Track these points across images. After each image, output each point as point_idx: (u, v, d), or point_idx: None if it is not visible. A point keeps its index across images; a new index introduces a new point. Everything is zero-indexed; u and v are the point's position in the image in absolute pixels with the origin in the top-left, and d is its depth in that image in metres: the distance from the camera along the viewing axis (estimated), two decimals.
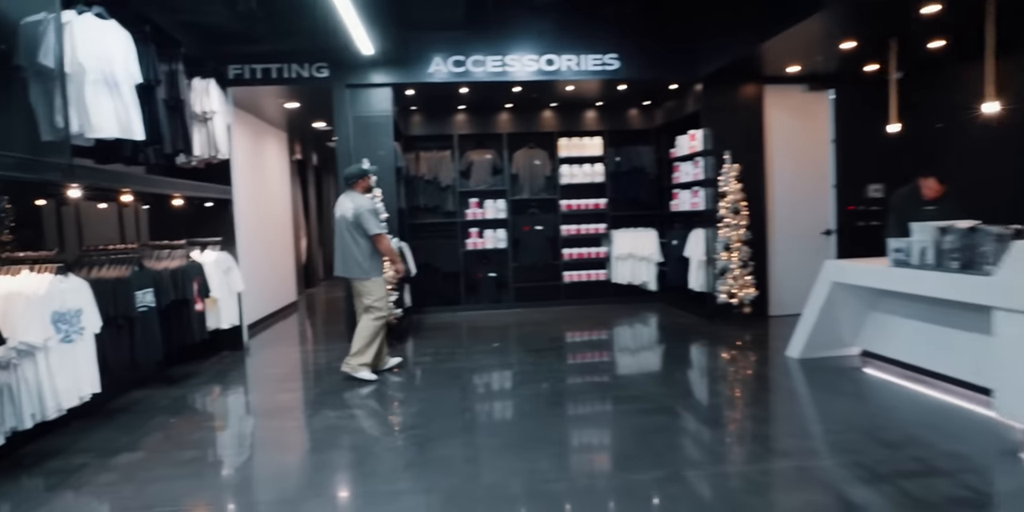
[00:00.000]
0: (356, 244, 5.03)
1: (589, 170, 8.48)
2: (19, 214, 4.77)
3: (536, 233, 8.35)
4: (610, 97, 7.92)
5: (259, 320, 7.72)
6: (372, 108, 6.55)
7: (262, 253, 8.03)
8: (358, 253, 5.04)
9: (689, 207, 7.55)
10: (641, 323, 7.49)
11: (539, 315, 7.96)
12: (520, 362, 5.63)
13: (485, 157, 8.34)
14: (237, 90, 6.50)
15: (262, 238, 8.12)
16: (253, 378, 5.54)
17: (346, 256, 5.08)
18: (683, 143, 7.62)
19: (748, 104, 6.93)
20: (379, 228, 5.05)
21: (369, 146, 6.54)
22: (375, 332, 5.11)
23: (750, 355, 5.65)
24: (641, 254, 8.41)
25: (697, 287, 7.31)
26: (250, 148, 7.83)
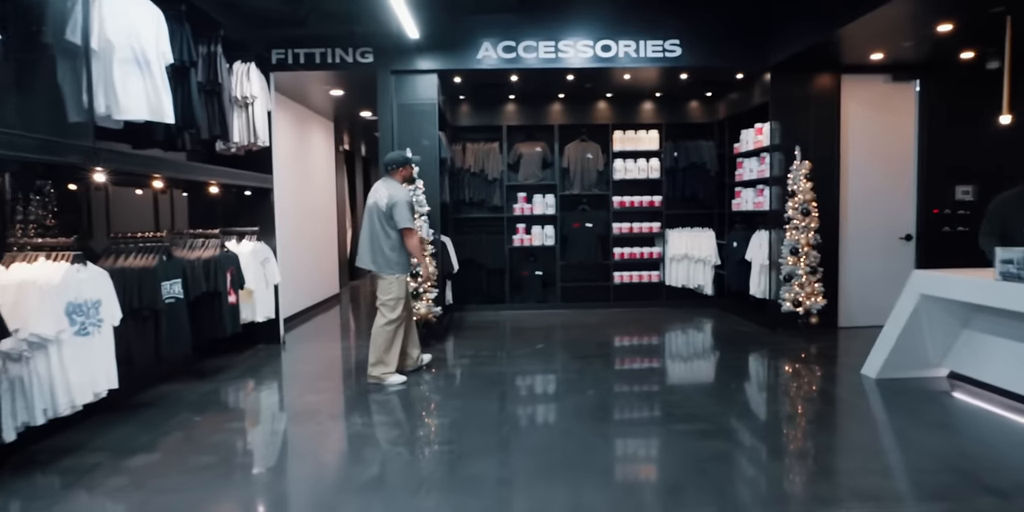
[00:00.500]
0: (385, 235, 4.68)
1: (644, 165, 8.01)
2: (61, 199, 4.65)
3: (586, 230, 7.93)
4: (669, 87, 7.43)
5: (298, 313, 7.56)
6: (417, 95, 6.25)
7: (304, 244, 7.86)
8: (385, 245, 4.69)
9: (752, 207, 7.00)
10: (696, 330, 7.00)
11: (586, 317, 7.55)
12: (565, 369, 5.24)
13: (535, 150, 7.97)
14: (280, 76, 6.30)
15: (304, 229, 7.95)
16: (285, 375, 5.32)
17: (372, 246, 4.72)
18: (748, 138, 7.07)
19: (822, 95, 6.34)
20: (410, 222, 4.69)
21: (413, 135, 6.25)
22: (389, 339, 4.72)
23: (819, 371, 5.12)
24: (697, 256, 7.90)
25: (758, 293, 6.77)
26: (293, 136, 7.66)
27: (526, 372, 5.16)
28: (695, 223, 8.07)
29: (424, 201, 6.04)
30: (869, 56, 5.94)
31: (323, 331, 7.23)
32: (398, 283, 4.73)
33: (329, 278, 9.16)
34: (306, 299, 7.93)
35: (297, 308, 7.56)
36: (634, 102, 8.01)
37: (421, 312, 5.91)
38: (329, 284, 9.13)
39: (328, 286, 9.06)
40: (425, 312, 5.92)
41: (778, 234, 6.40)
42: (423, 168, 6.17)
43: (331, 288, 9.20)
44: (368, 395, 4.57)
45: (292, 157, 7.62)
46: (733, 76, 6.77)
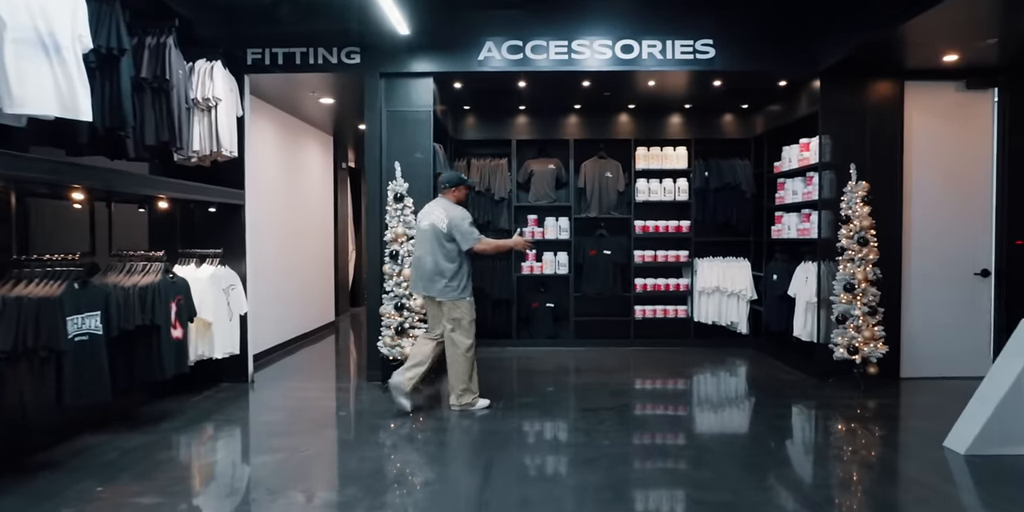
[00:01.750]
0: (447, 259, 4.46)
1: (670, 186, 7.12)
2: None
3: (604, 258, 7.04)
4: (700, 97, 6.56)
5: (278, 346, 6.76)
6: (410, 101, 5.48)
7: (288, 268, 7.09)
8: (448, 269, 4.45)
9: (796, 234, 6.05)
10: (730, 376, 6.02)
11: (602, 357, 6.61)
12: (571, 428, 4.32)
13: (547, 167, 7.14)
14: (259, 79, 5.60)
15: (290, 250, 7.19)
16: (241, 424, 4.48)
17: (435, 271, 4.47)
18: (791, 154, 6.15)
19: (882, 106, 5.42)
20: (475, 241, 4.47)
21: (405, 146, 5.47)
22: (470, 365, 4.57)
23: (886, 440, 4.11)
24: (731, 289, 6.94)
25: (804, 335, 5.78)
26: (279, 148, 6.95)
27: (524, 432, 4.24)
28: (728, 252, 7.13)
29: (413, 222, 5.22)
30: (940, 58, 5.02)
31: (305, 367, 6.39)
32: (468, 306, 4.54)
33: (322, 305, 8.37)
34: (290, 330, 7.13)
35: (277, 340, 6.76)
36: (659, 115, 7.16)
37: (406, 352, 5.05)
38: (322, 312, 8.33)
39: (320, 314, 8.26)
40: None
41: (829, 267, 5.44)
42: (414, 184, 5.38)
43: (324, 316, 8.40)
44: (330, 457, 3.71)
45: (277, 171, 6.90)
46: (775, 83, 5.89)
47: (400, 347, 5.08)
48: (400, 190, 5.19)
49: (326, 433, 4.25)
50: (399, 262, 5.13)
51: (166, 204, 4.71)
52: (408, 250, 5.16)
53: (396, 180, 5.25)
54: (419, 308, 5.12)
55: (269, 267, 6.50)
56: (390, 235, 5.18)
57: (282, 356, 6.65)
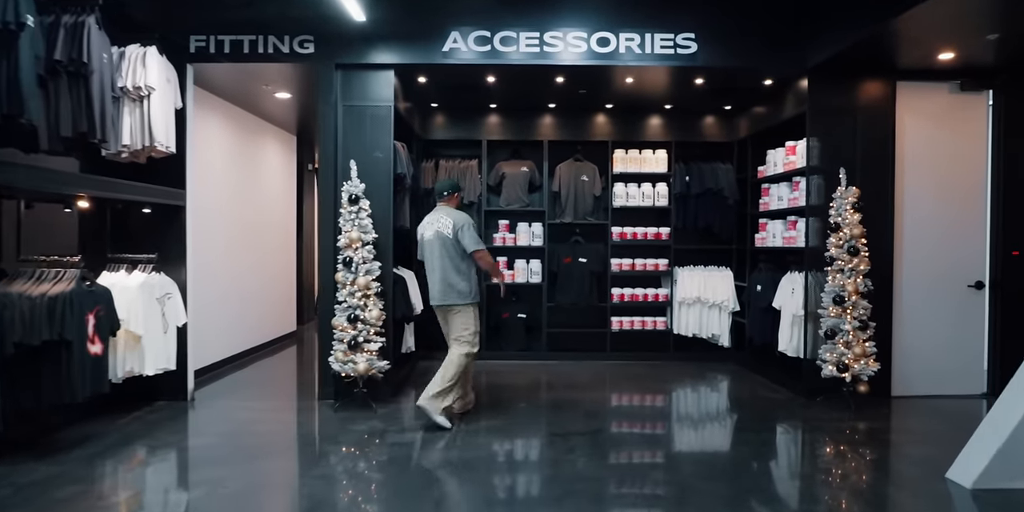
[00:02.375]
0: (454, 265, 4.42)
1: (649, 191, 6.76)
2: None
3: (579, 267, 6.64)
4: (681, 97, 6.21)
5: (227, 359, 6.26)
6: (369, 96, 5.05)
7: (241, 274, 6.60)
8: (457, 274, 4.41)
9: (782, 242, 5.71)
10: (711, 393, 5.65)
11: (577, 371, 6.21)
12: (539, 458, 3.90)
13: (520, 170, 6.74)
14: (206, 70, 5.14)
15: (244, 256, 6.70)
16: (165, 452, 3.98)
17: (444, 280, 4.41)
18: (776, 158, 5.82)
19: (873, 107, 5.11)
20: (479, 244, 4.44)
21: (362, 145, 5.03)
22: (460, 371, 4.39)
23: (882, 468, 3.75)
24: (712, 300, 6.57)
25: (790, 350, 5.42)
26: (232, 146, 6.47)
27: (483, 462, 3.80)
28: (710, 261, 6.78)
29: (369, 226, 4.78)
30: (935, 56, 4.71)
31: (255, 383, 5.89)
32: (474, 312, 4.50)
33: (282, 314, 7.86)
34: (242, 341, 6.63)
35: (226, 353, 6.25)
36: (638, 115, 6.79)
37: (359, 368, 4.60)
38: (282, 321, 7.82)
39: (280, 323, 7.75)
40: (364, 368, 4.60)
41: (816, 278, 5.09)
42: (371, 186, 4.94)
43: (284, 325, 7.89)
44: (251, 496, 3.24)
45: (230, 170, 6.42)
46: (760, 82, 5.55)
47: (353, 363, 4.62)
48: (355, 191, 4.75)
49: (260, 464, 3.77)
50: (353, 270, 4.68)
51: (87, 204, 4.22)
52: (363, 257, 4.71)
53: (351, 180, 4.81)
54: (375, 320, 4.67)
55: (217, 274, 6.01)
56: (343, 240, 4.73)
57: (232, 370, 6.14)
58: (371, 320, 4.68)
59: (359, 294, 4.67)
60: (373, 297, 4.73)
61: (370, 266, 4.74)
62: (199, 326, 5.35)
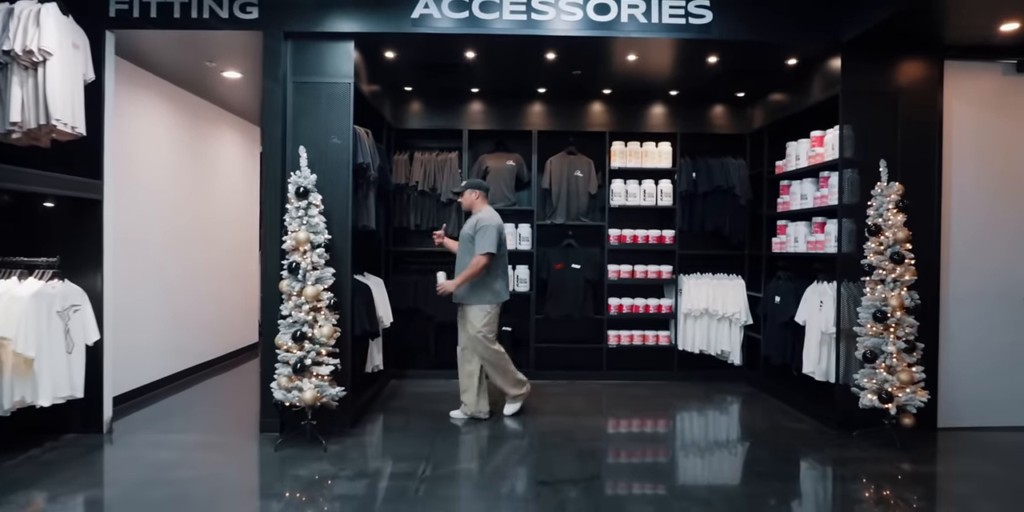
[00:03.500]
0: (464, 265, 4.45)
1: (652, 189, 5.99)
2: None
3: (572, 274, 5.86)
4: (689, 81, 5.46)
5: (165, 379, 5.43)
6: (324, 70, 4.26)
7: (183, 281, 5.77)
8: None
9: (805, 248, 4.95)
10: (725, 421, 4.89)
11: (569, 393, 5.42)
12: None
13: (506, 164, 5.96)
14: (139, 42, 4.36)
15: (187, 259, 5.87)
16: (53, 507, 3.15)
17: None
18: (799, 151, 5.06)
19: (917, 90, 4.37)
20: (484, 248, 4.35)
21: (316, 128, 4.24)
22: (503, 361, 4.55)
23: None
24: (722, 312, 5.81)
25: (818, 374, 4.65)
26: (176, 134, 5.66)
27: None
28: (719, 268, 6.02)
29: (321, 225, 3.98)
30: (993, 28, 3.97)
31: (194, 410, 5.02)
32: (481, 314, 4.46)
33: (241, 323, 7.01)
34: (182, 358, 5.78)
35: (164, 372, 5.43)
36: (640, 103, 6.03)
37: (306, 397, 3.79)
38: (240, 331, 6.98)
39: (238, 335, 6.91)
40: (312, 397, 3.79)
41: (850, 289, 4.34)
42: (325, 177, 4.16)
43: (242, 337, 7.05)
44: None
45: (171, 161, 5.61)
46: (783, 61, 4.80)
47: (299, 390, 3.82)
48: (304, 183, 3.95)
49: None
50: (300, 277, 3.88)
51: None
52: (313, 262, 3.91)
53: (300, 170, 4.00)
54: (326, 338, 3.87)
55: (150, 279, 5.20)
56: (289, 242, 3.93)
57: (170, 392, 5.30)
58: (321, 338, 3.87)
59: (307, 307, 3.86)
60: (325, 310, 3.93)
61: (321, 273, 3.93)
62: (122, 343, 4.54)
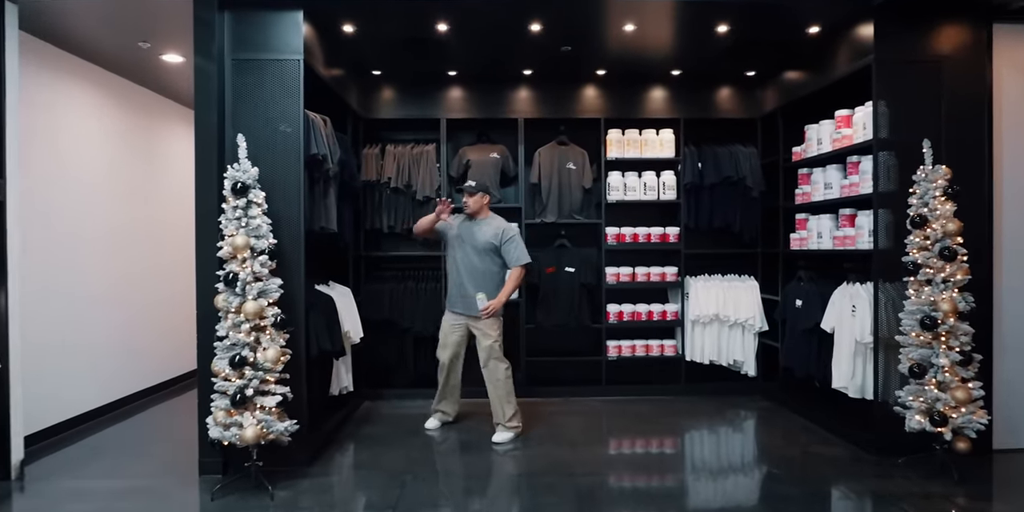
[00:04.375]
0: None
1: (653, 181, 5.36)
2: None
3: (566, 278, 5.24)
4: (693, 59, 4.84)
5: (98, 410, 4.74)
6: (269, 45, 3.62)
7: (118, 294, 5.10)
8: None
9: (831, 244, 4.34)
10: (743, 443, 4.27)
11: (564, 414, 4.79)
12: None
13: (489, 156, 5.32)
14: (60, 20, 3.72)
15: (124, 269, 5.19)
16: None
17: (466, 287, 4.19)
18: (821, 135, 4.45)
19: (962, 58, 3.76)
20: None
21: (259, 113, 3.59)
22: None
23: None
24: (734, 317, 5.19)
25: (852, 389, 4.03)
26: (112, 126, 4.99)
27: None
28: (730, 268, 5.40)
29: (264, 228, 3.33)
30: None
31: (125, 447, 4.25)
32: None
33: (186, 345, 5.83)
34: (117, 387, 4.99)
35: (93, 404, 4.69)
36: (638, 86, 5.39)
37: (246, 435, 3.14)
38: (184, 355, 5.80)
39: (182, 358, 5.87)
40: (254, 435, 3.14)
41: (889, 292, 3.72)
42: (273, 171, 3.52)
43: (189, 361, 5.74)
44: None
45: (104, 157, 4.94)
46: (804, 29, 4.17)
47: (238, 426, 3.17)
48: (243, 178, 3.30)
49: None
50: (238, 290, 3.23)
51: None
52: (255, 272, 3.26)
53: (238, 163, 3.36)
54: (271, 362, 3.22)
55: (75, 293, 4.53)
56: (226, 249, 3.28)
57: (97, 428, 4.49)
58: (266, 363, 3.22)
59: (248, 326, 3.22)
60: (270, 329, 3.29)
61: (265, 285, 3.29)
62: (36, 372, 3.87)
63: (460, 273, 4.20)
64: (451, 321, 4.29)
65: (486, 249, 4.17)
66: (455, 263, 4.23)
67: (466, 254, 4.20)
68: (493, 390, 4.23)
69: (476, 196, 4.26)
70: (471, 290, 4.15)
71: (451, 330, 4.28)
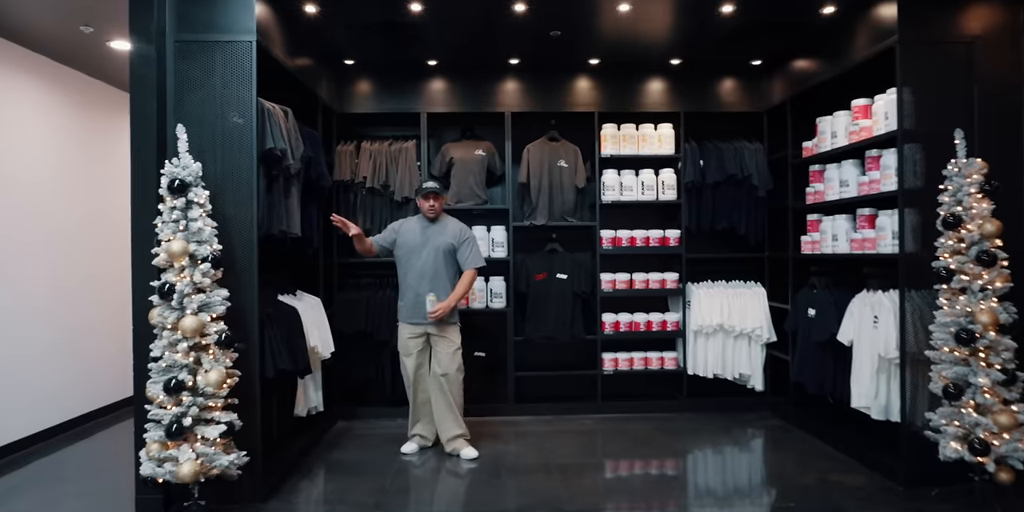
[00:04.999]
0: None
1: (651, 180, 4.96)
2: None
3: (557, 285, 4.83)
4: (695, 46, 4.45)
5: (17, 443, 4.16)
6: (216, 24, 3.21)
7: (55, 306, 4.66)
8: None
9: (848, 248, 3.93)
10: (753, 468, 3.84)
11: (555, 435, 4.37)
12: None
13: (474, 154, 4.92)
14: None
15: (71, 278, 4.75)
16: None
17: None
18: (836, 127, 4.05)
19: (995, 38, 3.37)
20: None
21: (205, 102, 3.18)
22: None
23: None
24: (739, 327, 4.79)
25: (875, 410, 3.61)
26: (51, 119, 4.57)
27: None
28: (734, 274, 5.00)
29: (207, 232, 2.91)
30: None
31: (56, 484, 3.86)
32: None
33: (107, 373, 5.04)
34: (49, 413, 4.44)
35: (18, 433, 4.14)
36: (635, 76, 4.98)
37: (182, 473, 2.71)
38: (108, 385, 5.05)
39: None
40: (191, 472, 2.71)
41: (916, 302, 3.31)
42: (223, 168, 3.11)
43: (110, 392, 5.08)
44: None
45: (44, 155, 4.52)
46: (817, 10, 3.78)
47: (173, 461, 2.74)
48: (182, 175, 2.88)
49: None
50: (176, 304, 2.81)
51: None
52: (195, 282, 2.84)
53: (178, 157, 2.94)
54: (213, 386, 2.80)
55: (4, 306, 4.09)
56: (162, 256, 2.86)
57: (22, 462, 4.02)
58: (207, 387, 2.80)
59: (185, 345, 2.79)
60: (214, 348, 2.86)
61: (208, 297, 2.87)
62: None
63: (422, 280, 3.86)
64: (408, 333, 3.93)
65: (448, 251, 3.90)
66: (415, 270, 3.88)
67: (427, 260, 3.87)
68: (450, 402, 3.90)
69: (441, 198, 3.98)
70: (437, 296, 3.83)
71: (410, 341, 3.93)
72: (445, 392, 3.89)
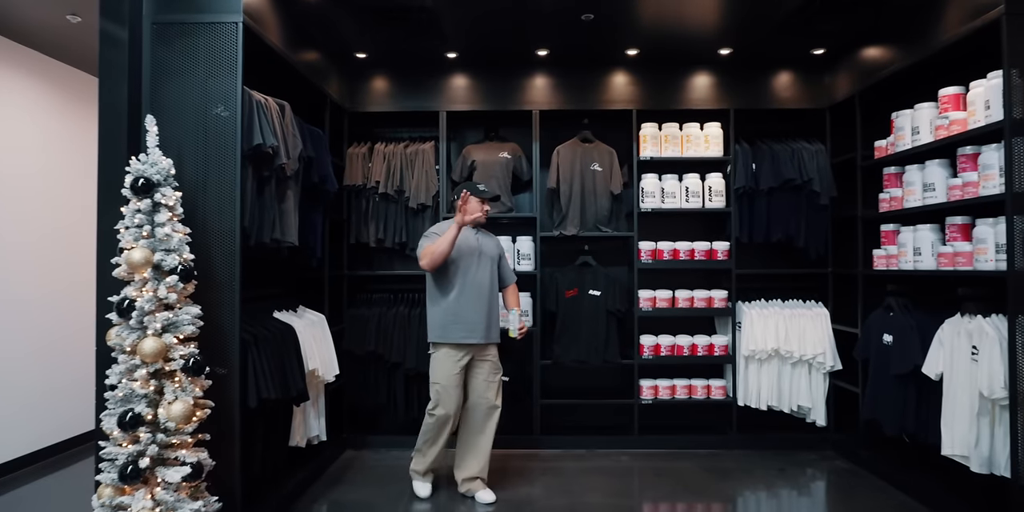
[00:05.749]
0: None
1: (696, 186, 4.42)
2: None
3: (590, 302, 4.31)
4: (747, 32, 3.92)
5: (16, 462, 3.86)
6: (198, 3, 2.83)
7: (36, 321, 4.32)
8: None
9: (934, 264, 3.33)
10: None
11: (585, 475, 3.82)
12: None
13: (499, 156, 4.46)
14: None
15: (50, 287, 4.42)
16: None
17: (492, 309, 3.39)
18: (918, 121, 3.46)
19: None
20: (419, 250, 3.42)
21: (188, 93, 2.79)
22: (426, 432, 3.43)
23: None
24: (798, 353, 4.19)
25: (975, 461, 2.98)
26: (42, 118, 4.25)
27: None
28: (792, 292, 4.42)
29: (176, 238, 2.49)
30: None
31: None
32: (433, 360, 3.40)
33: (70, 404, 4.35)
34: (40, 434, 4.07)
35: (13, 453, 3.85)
36: (679, 69, 4.47)
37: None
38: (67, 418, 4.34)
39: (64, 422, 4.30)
40: None
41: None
42: (209, 167, 2.71)
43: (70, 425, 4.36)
44: None
45: (31, 154, 4.22)
46: None
47: (123, 510, 2.30)
48: (148, 173, 2.47)
49: None
50: (135, 323, 2.39)
51: None
52: (159, 297, 2.42)
53: (146, 153, 2.54)
54: (177, 420, 2.36)
55: None
56: (122, 267, 2.44)
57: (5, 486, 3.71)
58: (169, 422, 2.36)
59: (144, 371, 2.37)
60: (180, 375, 2.43)
61: (175, 315, 2.44)
62: None
63: (484, 292, 3.36)
64: (456, 357, 3.33)
65: (495, 262, 3.49)
66: (473, 280, 3.34)
67: (484, 269, 3.40)
68: (488, 439, 3.39)
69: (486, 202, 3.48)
70: (499, 309, 3.45)
71: (455, 369, 3.34)
72: (491, 427, 3.39)
